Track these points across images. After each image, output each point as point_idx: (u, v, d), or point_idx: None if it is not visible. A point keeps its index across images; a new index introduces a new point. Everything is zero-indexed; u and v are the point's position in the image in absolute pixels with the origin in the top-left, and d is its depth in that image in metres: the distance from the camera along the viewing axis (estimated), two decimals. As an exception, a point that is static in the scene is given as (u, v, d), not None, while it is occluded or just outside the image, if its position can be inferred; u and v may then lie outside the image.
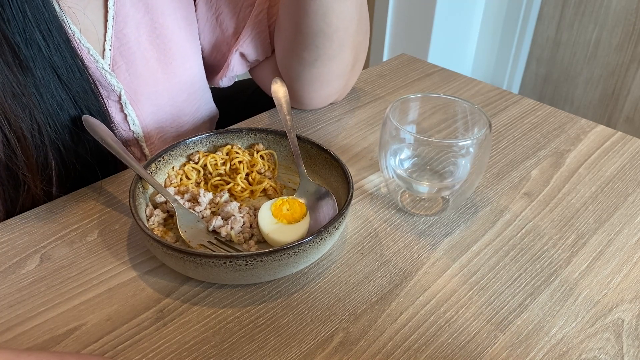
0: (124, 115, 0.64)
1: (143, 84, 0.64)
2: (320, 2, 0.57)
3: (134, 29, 0.63)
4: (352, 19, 0.60)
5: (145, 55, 0.64)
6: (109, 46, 0.61)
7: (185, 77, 0.69)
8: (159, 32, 0.65)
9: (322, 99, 0.69)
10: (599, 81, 1.76)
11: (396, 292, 0.46)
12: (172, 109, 0.68)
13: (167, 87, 0.67)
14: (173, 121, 0.69)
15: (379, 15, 1.81)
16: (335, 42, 0.61)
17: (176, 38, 0.67)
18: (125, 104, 0.63)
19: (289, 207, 0.50)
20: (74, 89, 0.56)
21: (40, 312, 0.44)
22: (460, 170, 0.52)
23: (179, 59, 0.67)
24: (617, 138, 0.67)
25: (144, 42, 0.64)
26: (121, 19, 0.62)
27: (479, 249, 0.51)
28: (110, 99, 0.62)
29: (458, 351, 0.42)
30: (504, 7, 1.82)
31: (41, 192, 0.55)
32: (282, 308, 0.45)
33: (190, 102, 0.70)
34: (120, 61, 0.62)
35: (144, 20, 0.64)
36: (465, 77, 0.81)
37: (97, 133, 0.55)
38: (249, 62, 0.72)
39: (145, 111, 0.65)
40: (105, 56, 0.61)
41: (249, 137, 0.59)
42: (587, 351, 0.42)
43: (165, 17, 0.65)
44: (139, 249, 0.50)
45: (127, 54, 0.63)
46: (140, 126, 0.65)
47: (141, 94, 0.64)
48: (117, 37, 0.62)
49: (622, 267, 0.49)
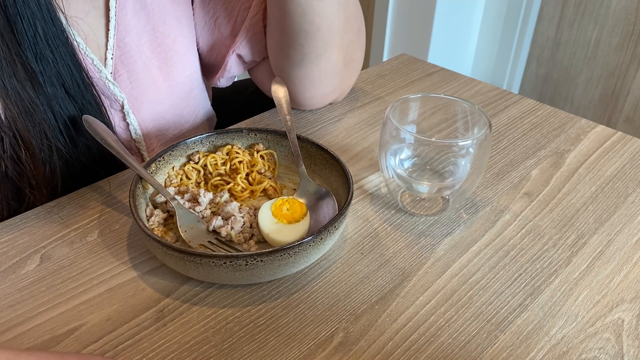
0: (126, 124, 0.64)
1: (144, 92, 0.65)
2: (298, 1, 0.58)
3: (135, 37, 0.63)
4: (335, 17, 0.60)
5: (146, 63, 0.64)
6: (110, 55, 0.61)
7: (185, 84, 0.69)
8: (160, 40, 0.65)
9: (317, 99, 0.69)
10: (599, 81, 1.76)
11: (396, 292, 0.46)
12: (172, 116, 0.69)
13: (168, 94, 0.67)
14: (173, 128, 0.70)
15: (379, 15, 1.81)
16: (319, 41, 0.61)
17: (177, 46, 0.67)
18: (127, 112, 0.63)
19: (289, 207, 0.50)
20: (79, 101, 0.57)
21: (40, 312, 0.44)
22: (460, 170, 0.52)
23: (179, 66, 0.68)
24: (617, 138, 0.67)
25: (145, 50, 0.64)
26: (123, 28, 0.62)
27: (479, 249, 0.51)
28: (112, 108, 0.62)
29: (458, 351, 0.42)
30: (504, 7, 1.82)
31: (45, 197, 0.56)
32: (282, 308, 0.45)
33: (190, 107, 0.71)
34: (122, 69, 0.62)
35: (145, 29, 0.64)
36: (465, 77, 0.81)
37: (98, 133, 0.55)
38: (246, 63, 0.72)
39: (147, 119, 0.66)
40: (107, 65, 0.61)
41: (249, 137, 0.59)
42: (587, 351, 0.42)
43: (167, 26, 0.66)
44: (139, 249, 0.50)
45: (128, 63, 0.63)
46: (141, 134, 0.66)
47: (142, 102, 0.65)
48: (119, 46, 0.62)
49: (622, 267, 0.49)
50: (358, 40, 0.68)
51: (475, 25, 1.81)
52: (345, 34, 0.63)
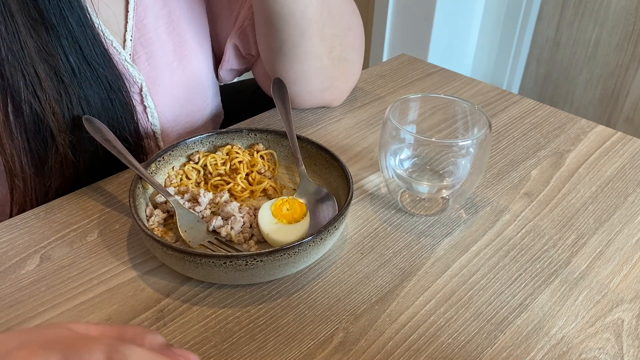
0: (143, 107, 0.65)
1: (161, 75, 0.65)
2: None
3: (153, 19, 0.64)
4: (307, 5, 0.60)
5: (163, 46, 0.65)
6: (129, 37, 0.62)
7: (198, 69, 0.70)
8: (175, 24, 0.66)
9: (305, 95, 0.69)
10: (599, 81, 1.76)
11: (396, 292, 0.46)
12: (186, 101, 0.69)
13: (182, 78, 0.68)
14: (186, 114, 0.70)
15: (379, 15, 1.81)
16: (292, 26, 0.61)
17: (191, 30, 0.68)
18: (145, 95, 0.64)
19: (289, 207, 0.50)
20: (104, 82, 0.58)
21: (40, 312, 0.44)
22: (460, 170, 0.52)
23: (192, 51, 0.68)
24: (617, 138, 0.67)
25: (162, 33, 0.65)
26: (142, 9, 0.63)
27: (479, 249, 0.51)
28: (131, 91, 0.62)
29: (458, 351, 0.42)
30: (504, 7, 1.82)
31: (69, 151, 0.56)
32: (282, 308, 0.45)
33: (201, 94, 0.71)
34: (140, 51, 0.63)
35: (162, 12, 0.65)
36: (465, 77, 0.81)
37: (98, 134, 0.55)
38: (243, 56, 0.72)
39: (163, 102, 0.66)
40: (126, 47, 0.62)
41: (249, 137, 0.59)
42: (587, 351, 0.42)
43: (182, 11, 0.67)
44: (139, 249, 0.50)
45: (147, 44, 0.64)
46: (157, 117, 0.66)
47: (159, 85, 0.65)
48: (138, 28, 0.63)
49: (622, 267, 0.49)
50: (347, 37, 0.67)
51: (475, 25, 1.81)
52: (325, 26, 0.63)
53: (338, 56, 0.66)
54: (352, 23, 0.67)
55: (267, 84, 0.73)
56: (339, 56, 0.67)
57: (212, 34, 0.73)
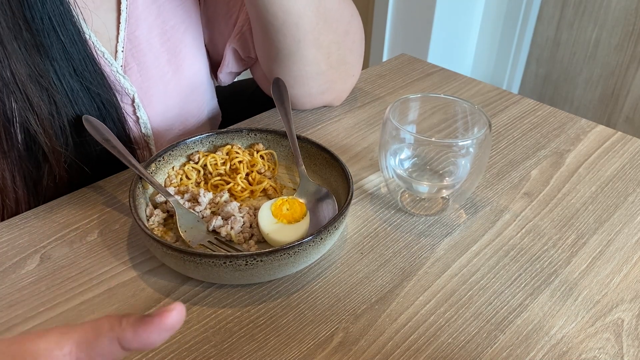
0: (136, 117, 0.64)
1: (154, 85, 0.65)
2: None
3: (146, 31, 0.63)
4: (302, 15, 0.59)
5: (157, 56, 0.65)
6: (121, 48, 0.62)
7: (193, 78, 0.69)
8: (170, 34, 0.66)
9: (304, 98, 0.68)
10: (599, 81, 1.76)
11: (396, 292, 0.46)
12: (180, 110, 0.69)
13: (177, 88, 0.67)
14: (180, 122, 0.70)
15: (379, 15, 1.81)
16: (288, 37, 0.61)
17: (186, 40, 0.67)
18: (137, 106, 0.63)
19: (289, 207, 0.50)
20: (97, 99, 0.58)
21: (40, 312, 0.44)
22: (460, 170, 0.52)
23: (187, 60, 0.68)
24: (617, 138, 0.67)
25: (155, 43, 0.64)
26: (134, 21, 0.62)
27: (479, 249, 0.51)
28: (123, 102, 0.62)
29: (458, 351, 0.42)
30: (504, 7, 1.82)
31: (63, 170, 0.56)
32: (282, 308, 0.45)
33: (197, 102, 0.71)
34: (132, 62, 0.63)
35: (155, 22, 0.64)
36: (465, 77, 0.81)
37: (97, 134, 0.55)
38: (242, 59, 0.72)
39: (156, 112, 0.66)
40: (117, 58, 0.62)
41: (249, 137, 0.59)
42: (587, 351, 0.42)
43: (177, 20, 0.66)
44: (139, 249, 0.50)
45: (138, 56, 0.63)
46: (150, 128, 0.66)
47: (152, 95, 0.65)
48: (129, 39, 0.62)
49: (622, 267, 0.49)
50: (345, 42, 0.66)
51: (475, 25, 1.81)
52: (321, 34, 0.62)
53: (336, 60, 0.66)
54: (350, 27, 0.67)
55: (266, 85, 0.73)
56: (337, 60, 0.66)
57: (209, 39, 0.72)
